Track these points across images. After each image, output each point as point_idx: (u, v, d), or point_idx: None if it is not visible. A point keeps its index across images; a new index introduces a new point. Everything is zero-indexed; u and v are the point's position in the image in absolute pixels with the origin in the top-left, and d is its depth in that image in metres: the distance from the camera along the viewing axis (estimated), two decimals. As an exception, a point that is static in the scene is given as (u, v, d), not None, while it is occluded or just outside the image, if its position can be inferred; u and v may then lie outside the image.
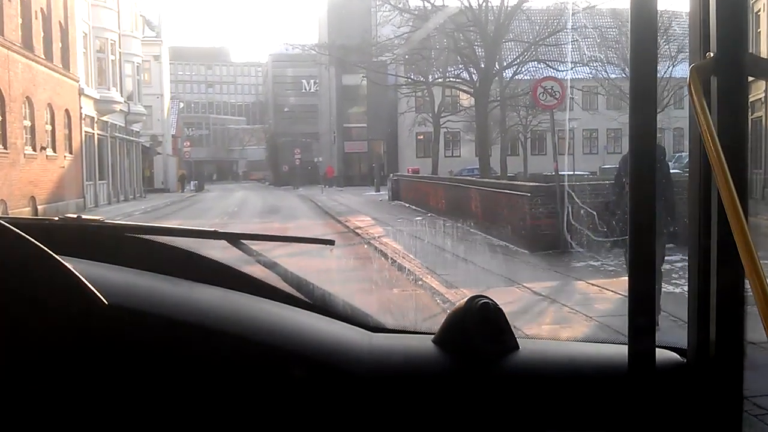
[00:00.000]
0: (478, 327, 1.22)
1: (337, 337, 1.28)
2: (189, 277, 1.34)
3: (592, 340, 1.46)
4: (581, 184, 15.10)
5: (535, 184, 14.66)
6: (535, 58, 28.34)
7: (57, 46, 27.29)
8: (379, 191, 38.07)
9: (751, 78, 1.13)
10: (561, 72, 27.03)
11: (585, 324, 7.26)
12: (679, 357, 1.22)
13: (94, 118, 32.79)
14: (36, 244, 1.08)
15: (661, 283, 7.02)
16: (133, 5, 40.49)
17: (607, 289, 9.28)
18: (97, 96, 32.78)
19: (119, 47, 36.73)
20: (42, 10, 25.70)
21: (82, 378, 1.08)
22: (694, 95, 1.04)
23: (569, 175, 21.73)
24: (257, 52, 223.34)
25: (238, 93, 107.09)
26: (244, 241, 1.51)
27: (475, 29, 26.07)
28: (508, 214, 15.07)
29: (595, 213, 11.57)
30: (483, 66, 26.00)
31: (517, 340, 1.25)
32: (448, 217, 19.46)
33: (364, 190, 41.38)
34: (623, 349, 1.17)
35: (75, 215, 1.53)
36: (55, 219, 1.50)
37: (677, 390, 1.17)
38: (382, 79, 37.03)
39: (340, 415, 1.16)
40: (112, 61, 35.19)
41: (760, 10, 23.54)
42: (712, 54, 1.09)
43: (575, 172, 25.91)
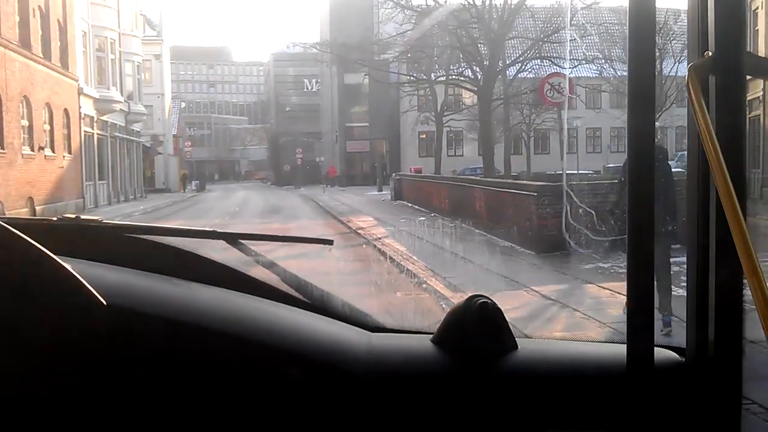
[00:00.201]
0: (477, 327, 1.22)
1: (336, 337, 1.29)
2: (188, 277, 1.35)
3: (590, 340, 1.46)
4: (590, 183, 14.80)
5: (542, 183, 14.33)
6: (538, 55, 27.98)
7: (55, 44, 26.96)
8: (381, 191, 38.00)
9: (749, 77, 1.13)
10: (564, 69, 26.70)
11: (599, 331, 6.92)
12: (677, 356, 1.23)
13: (94, 118, 32.45)
14: (34, 245, 1.08)
15: (670, 285, 6.85)
16: (133, 4, 40.15)
17: (619, 293, 8.91)
18: (96, 95, 32.44)
19: (119, 46, 36.38)
20: (40, 8, 25.36)
21: (81, 378, 1.08)
22: (693, 94, 1.04)
23: (573, 174, 21.47)
24: (259, 51, 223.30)
25: (240, 92, 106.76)
26: (243, 241, 1.50)
27: (479, 26, 25.71)
28: (514, 215, 14.74)
29: (593, 212, 11.32)
30: (486, 64, 25.63)
31: (516, 339, 1.25)
32: (451, 217, 19.17)
33: (366, 189, 41.21)
34: (622, 349, 1.17)
35: (73, 215, 1.52)
36: (54, 219, 1.50)
37: (676, 389, 1.17)
38: (385, 77, 36.71)
39: (339, 415, 1.16)
40: (112, 60, 34.83)
41: (758, 8, 23.36)
42: (710, 53, 1.09)
43: (579, 171, 25.66)
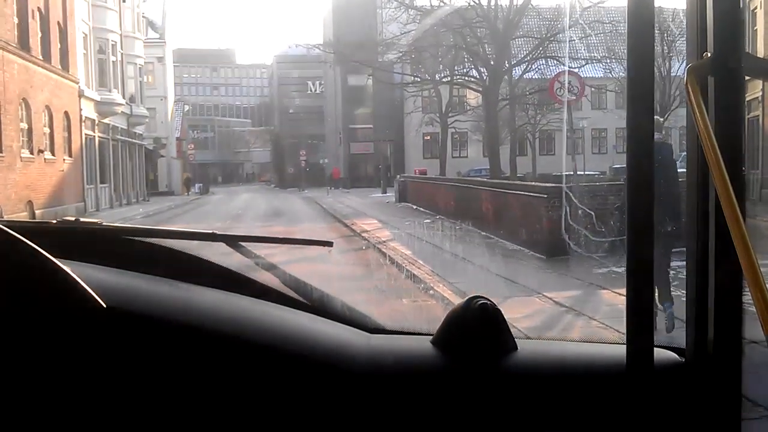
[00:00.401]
0: (477, 328, 1.22)
1: (336, 339, 1.29)
2: (187, 280, 1.34)
3: (590, 341, 1.42)
4: (592, 184, 14.45)
5: (552, 185, 13.94)
6: (545, 55, 27.56)
7: (56, 46, 26.63)
8: (385, 193, 37.77)
9: (747, 77, 1.14)
10: (566, 69, 26.30)
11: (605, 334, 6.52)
12: (677, 356, 1.23)
13: (95, 121, 32.11)
14: (33, 247, 1.08)
15: (669, 284, 6.56)
16: (135, 6, 39.85)
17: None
18: (97, 98, 32.12)
19: (121, 48, 36.09)
20: (39, 9, 25.02)
21: (81, 381, 1.08)
22: (692, 95, 1.06)
23: (579, 175, 21.12)
24: (263, 53, 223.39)
25: (244, 95, 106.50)
26: (243, 244, 1.50)
27: (484, 25, 25.30)
28: (522, 217, 14.35)
29: (593, 214, 11.03)
30: (492, 63, 25.23)
31: (516, 340, 1.25)
32: (457, 220, 18.79)
33: (370, 191, 40.90)
34: (622, 349, 1.17)
35: (73, 218, 1.51)
36: (53, 222, 1.49)
37: (676, 389, 1.17)
38: (389, 78, 36.36)
39: (338, 416, 1.16)
40: (114, 62, 34.51)
41: (756, 8, 23.04)
42: (709, 54, 1.10)
43: (585, 172, 25.34)
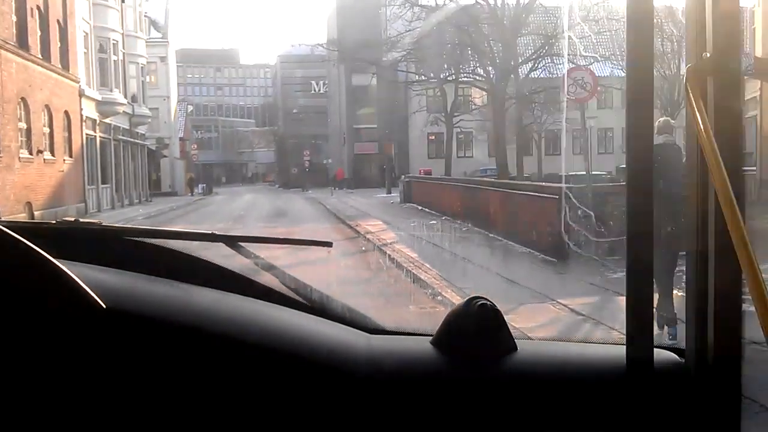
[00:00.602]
0: (476, 328, 1.22)
1: (336, 339, 1.28)
2: (187, 280, 1.34)
3: (590, 341, 1.41)
4: (613, 185, 14.00)
5: (565, 185, 13.47)
6: (552, 52, 27.07)
7: (55, 45, 26.21)
8: (390, 193, 37.53)
9: (745, 77, 0.98)
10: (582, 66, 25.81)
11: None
12: (677, 357, 1.22)
13: (96, 121, 31.70)
14: (33, 248, 1.07)
15: (672, 289, 6.50)
16: (137, 5, 39.44)
17: (657, 308, 8.06)
18: (99, 97, 31.69)
19: (122, 47, 35.69)
20: (38, 7, 24.59)
21: (81, 382, 1.08)
22: (691, 95, 1.06)
23: (589, 175, 20.65)
24: (267, 53, 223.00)
25: (247, 95, 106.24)
26: (242, 244, 1.49)
27: (491, 23, 24.82)
28: (533, 219, 13.88)
29: (592, 214, 10.68)
30: (499, 61, 24.74)
31: (516, 341, 1.24)
32: (464, 221, 18.34)
33: (374, 192, 40.58)
34: (621, 350, 1.17)
35: (72, 218, 1.51)
36: (53, 222, 1.49)
37: (676, 390, 1.17)
38: (393, 76, 35.92)
39: (338, 418, 1.15)
40: (115, 61, 34.10)
41: (754, 6, 22.56)
42: (708, 54, 1.09)
43: (591, 172, 24.86)
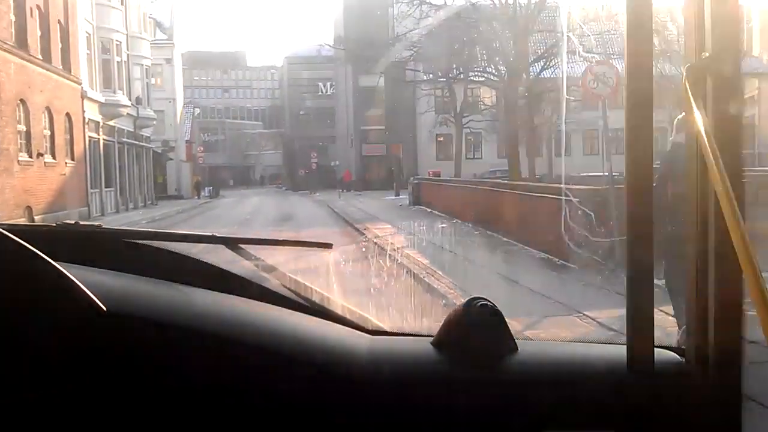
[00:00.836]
0: (477, 329, 1.22)
1: (336, 340, 1.27)
2: (187, 282, 1.33)
3: (591, 341, 1.40)
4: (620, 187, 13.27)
5: (585, 187, 12.79)
6: (567, 50, 26.35)
7: (56, 46, 25.67)
8: (398, 195, 37.08)
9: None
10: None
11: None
12: (678, 357, 1.22)
13: (100, 123, 31.19)
14: (33, 251, 1.07)
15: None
16: (141, 6, 38.91)
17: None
18: (102, 99, 31.19)
19: (126, 49, 35.15)
20: (38, 7, 24.02)
21: (81, 384, 1.08)
22: (690, 95, 1.07)
23: (599, 176, 20.04)
24: (274, 55, 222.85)
25: (254, 97, 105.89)
26: (243, 246, 1.48)
27: (503, 20, 24.12)
28: (549, 222, 13.18)
29: (592, 214, 10.09)
30: (512, 59, 24.04)
31: (516, 341, 1.24)
32: (475, 224, 17.66)
33: (383, 194, 40.00)
34: (622, 350, 1.17)
35: (73, 221, 1.50)
36: (53, 225, 1.49)
37: (676, 390, 1.17)
38: (401, 75, 35.30)
39: (339, 418, 1.15)
40: (119, 63, 33.56)
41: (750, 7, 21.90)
42: (707, 54, 1.10)
43: (604, 173, 24.16)
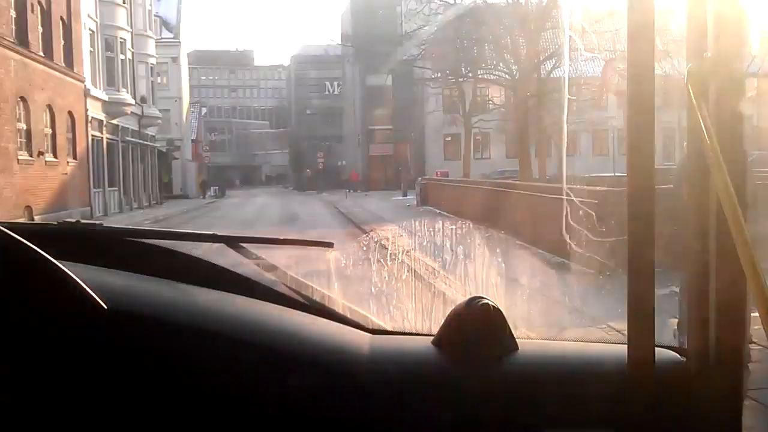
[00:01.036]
0: (478, 328, 1.22)
1: (337, 339, 1.27)
2: (188, 281, 1.33)
3: (592, 341, 1.39)
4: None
5: (605, 188, 12.24)
6: (578, 47, 25.80)
7: (58, 43, 25.18)
8: (406, 196, 36.74)
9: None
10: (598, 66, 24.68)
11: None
12: (678, 357, 1.22)
13: (103, 121, 30.72)
14: (34, 249, 1.07)
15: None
16: (147, 3, 38.47)
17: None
18: (105, 97, 30.73)
19: (131, 47, 34.70)
20: (40, 3, 23.52)
21: (82, 382, 1.08)
22: (692, 95, 1.07)
23: (609, 176, 19.61)
24: (281, 54, 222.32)
25: (261, 97, 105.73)
26: (243, 245, 1.49)
27: (516, 16, 23.55)
28: (565, 225, 12.63)
29: (593, 214, 9.50)
30: (523, 57, 23.46)
31: (517, 341, 1.24)
32: (486, 226, 16.98)
33: (390, 194, 39.61)
34: (623, 349, 1.17)
35: (74, 220, 1.50)
36: (54, 223, 1.49)
37: (677, 390, 1.17)
38: (409, 74, 34.83)
39: (339, 417, 1.14)
40: (123, 60, 33.08)
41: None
42: (709, 54, 1.10)
43: (615, 174, 23.80)
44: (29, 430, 1.05)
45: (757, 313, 0.93)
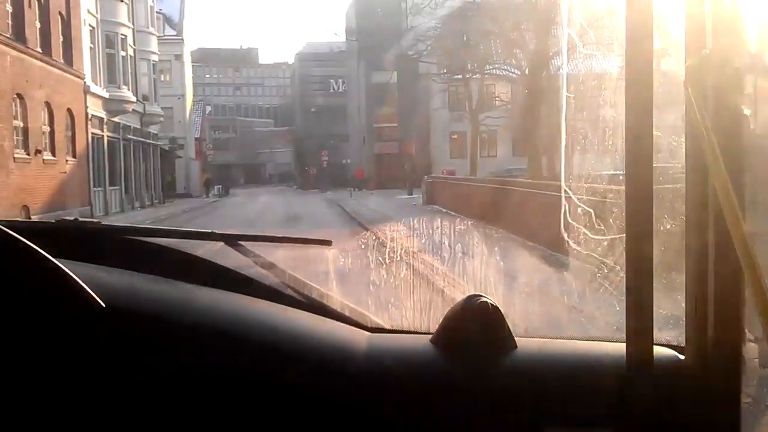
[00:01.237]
0: (476, 326, 1.22)
1: (335, 338, 1.28)
2: (186, 279, 1.33)
3: (590, 339, 1.39)
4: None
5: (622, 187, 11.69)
6: (589, 41, 25.25)
7: (57, 38, 24.67)
8: (411, 194, 36.29)
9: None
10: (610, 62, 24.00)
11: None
12: (677, 355, 1.22)
13: (104, 119, 30.21)
14: (33, 247, 1.07)
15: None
16: (149, 0, 37.98)
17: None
18: (106, 95, 30.21)
19: (133, 43, 34.21)
20: (37, -3, 23.11)
21: (80, 380, 1.08)
22: (691, 93, 1.07)
23: (619, 174, 19.01)
24: (286, 52, 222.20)
25: (266, 95, 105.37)
26: (242, 243, 1.49)
27: (525, 9, 23.00)
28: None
29: (591, 211, 9.00)
30: (532, 53, 22.90)
31: (515, 339, 1.24)
32: (494, 226, 16.54)
33: (395, 193, 39.13)
34: (621, 347, 1.17)
35: (72, 218, 1.49)
36: (52, 221, 1.49)
37: (676, 388, 1.17)
38: (414, 70, 34.34)
39: (337, 416, 1.14)
40: (124, 57, 32.56)
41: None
42: (708, 51, 1.10)
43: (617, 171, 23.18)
44: (29, 429, 1.05)
45: (756, 312, 0.94)
